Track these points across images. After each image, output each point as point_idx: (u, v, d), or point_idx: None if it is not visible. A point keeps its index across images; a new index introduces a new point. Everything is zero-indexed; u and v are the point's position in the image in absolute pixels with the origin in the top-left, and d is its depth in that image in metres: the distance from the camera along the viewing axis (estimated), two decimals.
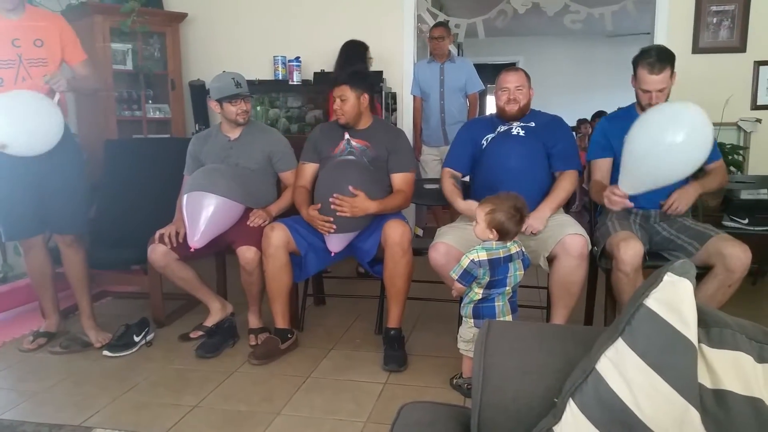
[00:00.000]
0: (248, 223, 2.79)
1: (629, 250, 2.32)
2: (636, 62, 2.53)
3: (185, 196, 2.74)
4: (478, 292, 2.16)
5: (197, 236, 2.68)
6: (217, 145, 2.97)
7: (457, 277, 2.13)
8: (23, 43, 2.55)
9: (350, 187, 2.53)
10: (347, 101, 2.73)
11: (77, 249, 2.79)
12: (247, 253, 2.71)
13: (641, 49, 2.58)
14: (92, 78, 2.79)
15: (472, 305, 2.19)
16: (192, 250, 2.70)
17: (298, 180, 2.88)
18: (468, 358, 2.26)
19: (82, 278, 2.84)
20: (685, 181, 2.49)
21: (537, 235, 2.47)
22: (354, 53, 3.94)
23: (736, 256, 2.25)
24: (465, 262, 2.11)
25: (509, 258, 2.14)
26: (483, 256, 2.10)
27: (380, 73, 4.34)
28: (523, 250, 2.23)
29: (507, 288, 2.16)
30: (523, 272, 2.20)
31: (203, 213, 2.67)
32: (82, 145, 3.01)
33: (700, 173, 2.50)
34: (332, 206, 2.52)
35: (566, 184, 2.63)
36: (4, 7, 2.52)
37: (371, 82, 2.97)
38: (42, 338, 2.85)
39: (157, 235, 2.80)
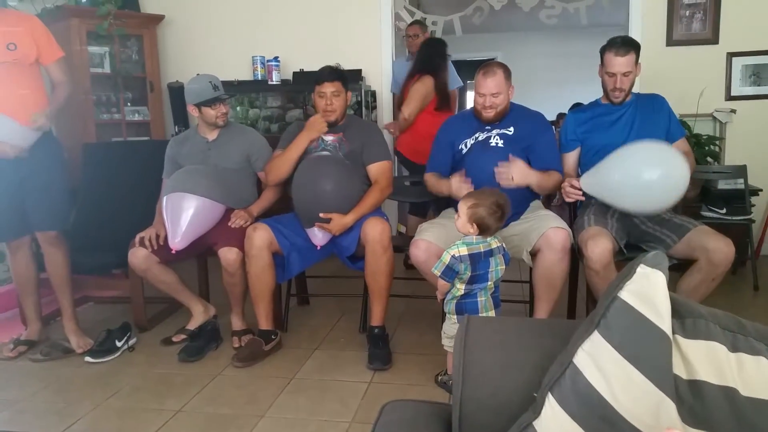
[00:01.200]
0: (229, 224, 2.77)
1: (596, 248, 2.33)
2: (603, 50, 2.63)
3: (165, 198, 2.72)
4: (460, 288, 2.17)
5: (178, 238, 2.65)
6: (195, 147, 2.95)
7: (439, 274, 2.14)
8: None
9: (321, 214, 2.55)
10: (340, 96, 2.75)
11: (59, 247, 2.76)
12: (228, 255, 2.69)
13: (609, 39, 2.65)
14: (65, 83, 2.75)
15: (455, 301, 2.19)
16: (173, 251, 2.68)
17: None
18: (452, 354, 2.26)
19: (64, 278, 2.81)
20: None
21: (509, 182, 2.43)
22: (436, 51, 3.90)
23: (720, 249, 2.27)
24: (446, 258, 2.12)
25: (490, 253, 2.15)
26: (464, 251, 2.11)
27: (359, 71, 4.33)
28: (504, 245, 2.24)
29: (489, 283, 2.17)
30: (504, 267, 2.21)
31: (184, 214, 2.65)
32: None
33: None
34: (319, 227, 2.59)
35: (555, 175, 2.61)
36: None
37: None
38: (23, 346, 2.82)
39: (137, 238, 2.77)
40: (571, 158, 2.75)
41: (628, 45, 2.58)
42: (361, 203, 2.66)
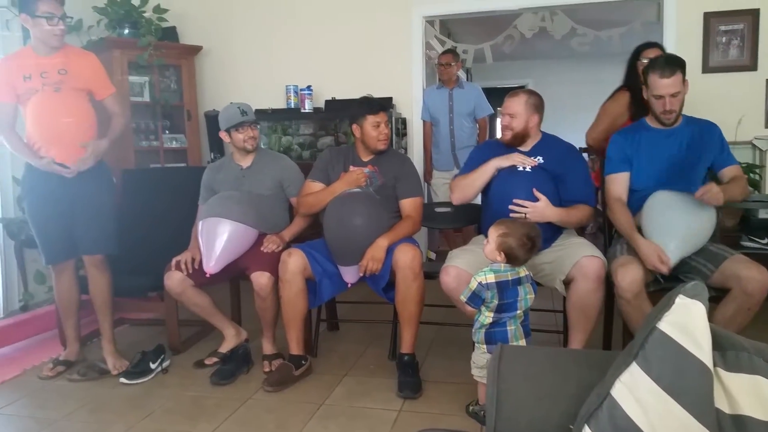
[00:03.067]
0: (262, 248, 2.81)
1: (627, 276, 2.28)
2: (646, 71, 2.52)
3: (200, 223, 2.79)
4: (488, 316, 2.14)
5: (212, 262, 2.71)
6: (230, 174, 3.03)
7: (465, 299, 2.13)
8: (49, 76, 2.68)
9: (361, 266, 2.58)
10: (387, 128, 2.81)
11: (104, 271, 2.84)
12: (261, 279, 2.72)
13: (650, 59, 2.58)
14: (120, 116, 2.90)
15: (484, 330, 2.16)
16: (208, 275, 2.73)
17: (303, 193, 2.92)
18: (483, 384, 2.23)
19: (106, 301, 2.88)
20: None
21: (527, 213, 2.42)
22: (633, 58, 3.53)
23: (754, 278, 2.21)
24: (473, 284, 2.10)
25: (518, 281, 2.12)
26: (491, 278, 2.09)
27: (390, 99, 4.39)
28: (530, 274, 2.21)
29: (518, 311, 2.14)
30: (533, 296, 2.18)
31: (218, 239, 2.71)
32: None
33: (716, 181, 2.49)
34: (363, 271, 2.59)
35: (582, 209, 2.58)
36: (51, 44, 2.66)
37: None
38: (61, 366, 2.88)
39: (173, 262, 2.83)
40: (623, 180, 2.60)
41: (673, 65, 2.45)
42: (395, 229, 2.68)
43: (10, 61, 2.74)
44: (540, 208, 2.44)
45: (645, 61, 3.23)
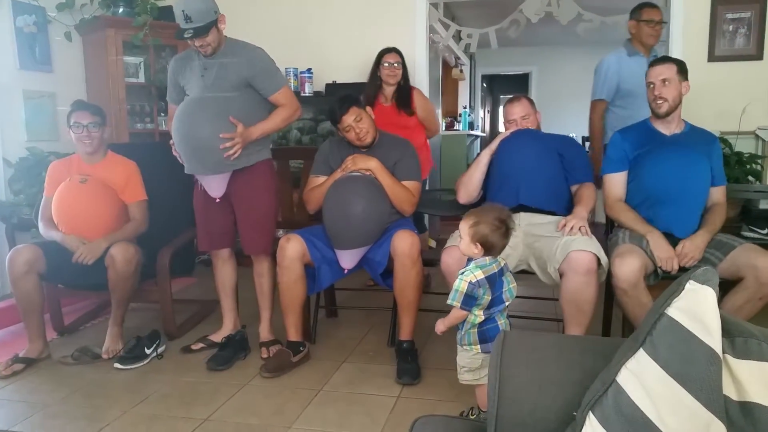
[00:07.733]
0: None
1: (624, 266, 2.25)
2: (646, 74, 2.60)
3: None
4: (479, 315, 1.98)
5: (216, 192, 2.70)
6: (193, 71, 2.72)
7: (459, 305, 1.92)
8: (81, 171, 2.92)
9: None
10: (363, 119, 2.72)
11: (131, 260, 2.75)
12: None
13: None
14: (138, 222, 2.97)
15: (476, 330, 2.01)
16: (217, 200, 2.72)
17: (307, 188, 2.88)
18: (479, 387, 2.11)
19: (127, 291, 2.82)
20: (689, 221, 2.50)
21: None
22: None
23: None
24: (462, 286, 1.90)
25: (501, 272, 1.99)
26: (480, 275, 1.90)
27: None
28: (507, 263, 2.08)
29: (506, 303, 2.00)
30: (516, 284, 2.05)
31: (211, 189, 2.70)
32: None
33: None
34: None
35: (589, 191, 2.63)
36: (84, 150, 2.91)
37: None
38: (19, 364, 2.71)
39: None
40: (620, 180, 2.60)
41: (666, 58, 2.59)
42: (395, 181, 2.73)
43: (62, 164, 2.99)
44: (576, 216, 2.45)
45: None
